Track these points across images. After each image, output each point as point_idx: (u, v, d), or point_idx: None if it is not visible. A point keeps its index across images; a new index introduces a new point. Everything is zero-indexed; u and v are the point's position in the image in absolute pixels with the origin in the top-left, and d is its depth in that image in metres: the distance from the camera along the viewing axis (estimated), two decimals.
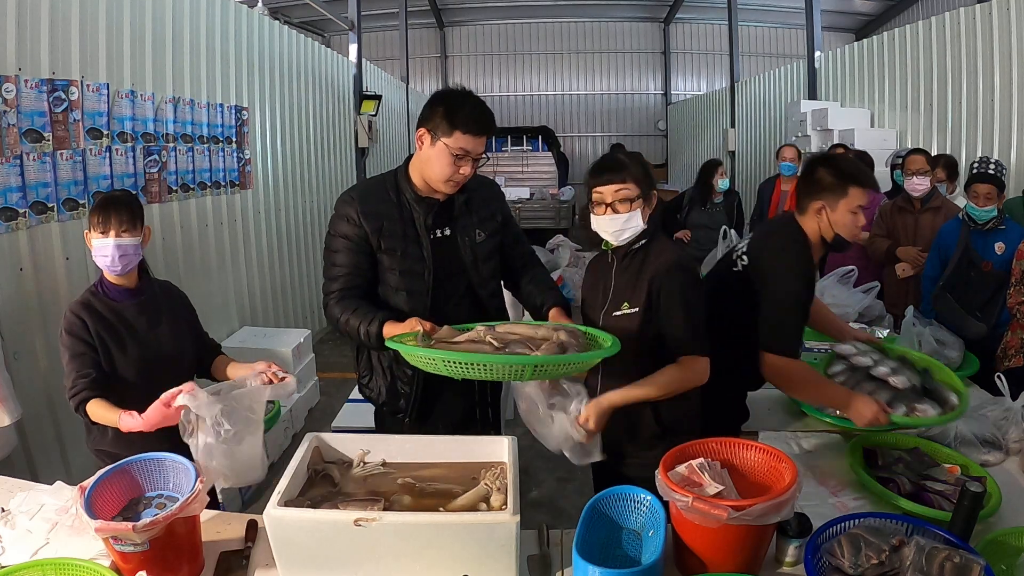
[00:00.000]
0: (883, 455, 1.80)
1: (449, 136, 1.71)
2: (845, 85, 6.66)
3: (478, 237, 1.89)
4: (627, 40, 13.84)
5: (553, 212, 9.62)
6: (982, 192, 2.83)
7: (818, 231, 1.83)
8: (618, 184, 1.68)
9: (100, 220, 1.80)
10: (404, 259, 1.81)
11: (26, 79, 2.47)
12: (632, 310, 1.71)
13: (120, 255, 1.81)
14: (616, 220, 1.69)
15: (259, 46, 4.57)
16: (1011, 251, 2.75)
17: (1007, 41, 4.30)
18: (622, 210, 1.68)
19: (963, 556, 1.24)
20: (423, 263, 1.82)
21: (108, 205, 1.83)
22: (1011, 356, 2.65)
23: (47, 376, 2.55)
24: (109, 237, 1.80)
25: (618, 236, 1.71)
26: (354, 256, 1.80)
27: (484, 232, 1.90)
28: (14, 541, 1.50)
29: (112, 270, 1.83)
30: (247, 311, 4.32)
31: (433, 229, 1.83)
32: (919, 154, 3.64)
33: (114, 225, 1.80)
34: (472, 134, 1.72)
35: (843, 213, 1.79)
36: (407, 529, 1.34)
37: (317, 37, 10.00)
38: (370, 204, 1.80)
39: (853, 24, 12.62)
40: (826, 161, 1.87)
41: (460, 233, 1.86)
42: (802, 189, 1.87)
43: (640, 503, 1.46)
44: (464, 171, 1.75)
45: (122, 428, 1.68)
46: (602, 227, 1.72)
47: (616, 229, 1.70)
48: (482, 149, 1.77)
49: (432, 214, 1.82)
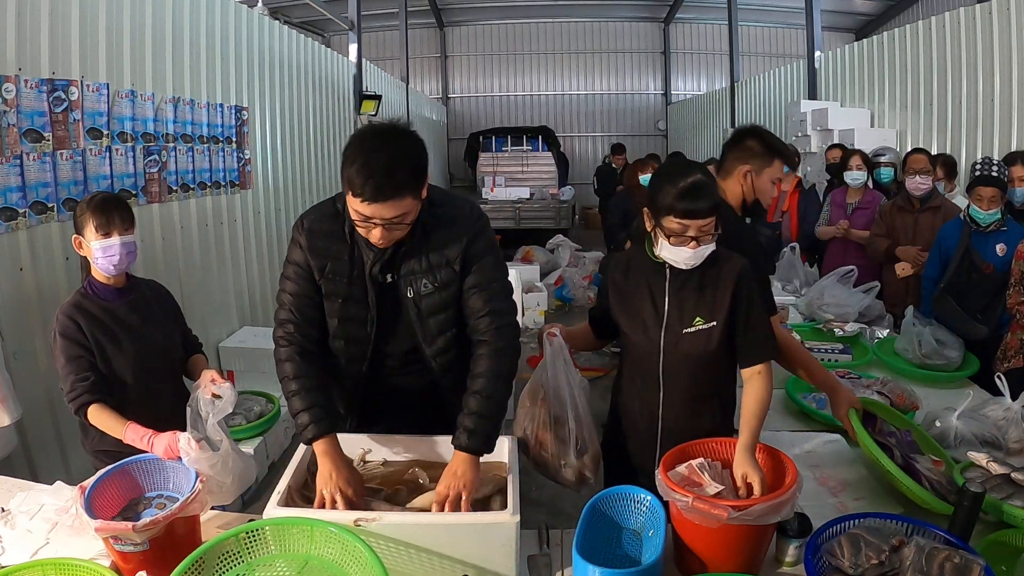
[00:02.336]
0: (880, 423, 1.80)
1: (348, 194, 1.41)
2: (845, 85, 6.66)
3: (423, 288, 1.57)
4: (627, 40, 13.84)
5: (553, 212, 9.61)
6: (986, 196, 2.82)
7: (740, 194, 1.95)
8: (708, 219, 1.49)
9: (103, 221, 1.81)
10: (346, 305, 1.59)
11: (26, 79, 2.47)
12: (708, 324, 1.59)
13: (127, 253, 1.85)
14: (698, 253, 1.52)
15: (259, 46, 4.57)
16: (1012, 252, 2.75)
17: (1007, 41, 4.30)
18: (705, 243, 1.51)
19: (963, 556, 1.24)
20: (366, 310, 1.59)
21: (108, 206, 1.84)
22: (1011, 357, 2.65)
23: (47, 376, 2.55)
24: (113, 237, 1.82)
25: (691, 264, 1.55)
26: (304, 284, 1.59)
27: (432, 283, 1.57)
28: (14, 541, 1.50)
29: (119, 268, 1.86)
30: (247, 311, 4.31)
31: (382, 275, 1.57)
32: (921, 154, 3.64)
33: (117, 225, 1.83)
34: (363, 200, 1.37)
35: (765, 181, 1.94)
36: (407, 529, 1.34)
37: (317, 37, 10.00)
38: (317, 239, 1.57)
39: (853, 24, 12.62)
40: (755, 132, 1.98)
41: (404, 281, 1.57)
42: (731, 154, 1.97)
43: (640, 503, 1.46)
44: (375, 236, 1.44)
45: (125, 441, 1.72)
46: (678, 257, 1.54)
47: (695, 261, 1.54)
48: (393, 214, 1.39)
49: (381, 261, 1.55)
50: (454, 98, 14.21)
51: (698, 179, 1.49)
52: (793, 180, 4.92)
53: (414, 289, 1.57)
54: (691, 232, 1.49)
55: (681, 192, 1.47)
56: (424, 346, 1.64)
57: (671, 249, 1.53)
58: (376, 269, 1.55)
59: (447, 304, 1.60)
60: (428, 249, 1.56)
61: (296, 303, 1.59)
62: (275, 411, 2.85)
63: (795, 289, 3.86)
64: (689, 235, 1.49)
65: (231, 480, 1.55)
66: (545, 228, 9.24)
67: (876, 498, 1.70)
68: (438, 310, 1.60)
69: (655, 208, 1.53)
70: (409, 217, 1.44)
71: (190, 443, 1.52)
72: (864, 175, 4.06)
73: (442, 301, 1.59)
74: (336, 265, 1.56)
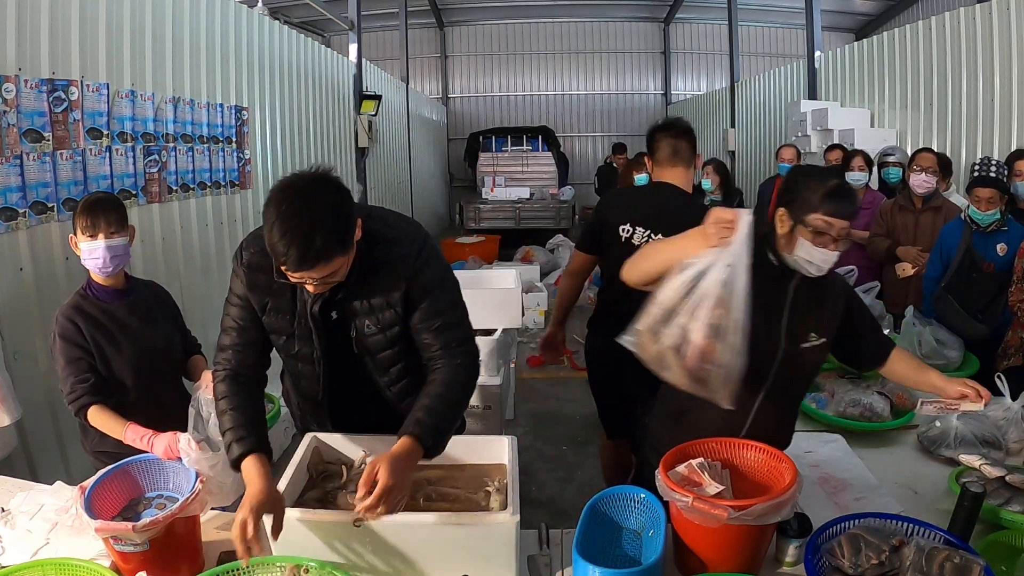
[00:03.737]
0: None
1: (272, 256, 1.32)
2: (845, 85, 6.66)
3: (367, 329, 1.52)
4: (627, 40, 13.83)
5: (553, 212, 9.62)
6: (984, 197, 2.83)
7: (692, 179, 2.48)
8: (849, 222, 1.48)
9: (88, 223, 1.81)
10: (290, 342, 1.54)
11: (26, 79, 2.47)
12: (820, 340, 1.59)
13: (111, 256, 1.83)
14: (833, 257, 1.49)
15: (259, 46, 4.57)
16: (1013, 252, 2.75)
17: (1007, 41, 4.30)
18: (840, 248, 1.49)
19: (963, 556, 1.24)
20: (312, 348, 1.54)
21: (95, 207, 1.84)
22: (1011, 355, 2.65)
23: (47, 376, 2.55)
24: (99, 240, 1.81)
25: (824, 269, 1.51)
26: (246, 312, 1.53)
27: (375, 324, 1.51)
28: (14, 541, 1.50)
29: (104, 271, 1.85)
30: None
31: (323, 314, 1.50)
32: (929, 153, 3.64)
33: (103, 227, 1.82)
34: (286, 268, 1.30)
35: None
36: (407, 529, 1.34)
37: (317, 37, 10.00)
38: (257, 275, 1.50)
39: (853, 24, 12.62)
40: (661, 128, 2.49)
41: (348, 320, 1.52)
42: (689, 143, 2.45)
43: (640, 503, 1.46)
44: (309, 289, 1.40)
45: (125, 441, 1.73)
46: (814, 258, 1.48)
47: (829, 265, 1.50)
48: (322, 275, 1.32)
49: (321, 301, 1.48)
50: (454, 98, 14.20)
51: (845, 181, 1.54)
52: None
53: (357, 328, 1.52)
54: (834, 232, 1.46)
55: (831, 190, 1.46)
56: (376, 376, 1.60)
57: (811, 250, 1.47)
58: (316, 308, 1.48)
59: (393, 342, 1.54)
60: (369, 291, 1.48)
61: (237, 327, 1.53)
62: (275, 411, 2.84)
63: None
64: (832, 235, 1.46)
65: (231, 481, 1.55)
66: (545, 228, 9.24)
67: (876, 498, 1.70)
68: (384, 348, 1.55)
69: (796, 206, 1.48)
70: (341, 272, 1.37)
71: (190, 443, 1.53)
72: (865, 176, 4.06)
73: (387, 340, 1.53)
74: (277, 302, 1.50)
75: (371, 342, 1.53)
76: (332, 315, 1.51)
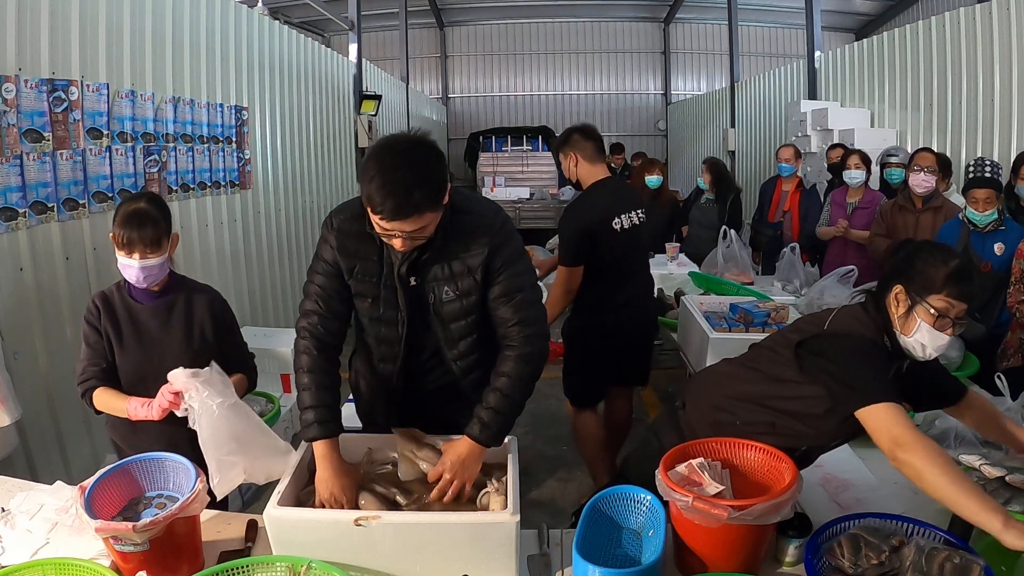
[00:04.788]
0: None
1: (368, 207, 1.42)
2: (845, 85, 6.66)
3: (445, 296, 1.58)
4: (627, 40, 13.83)
5: (553, 212, 9.61)
6: (981, 197, 2.83)
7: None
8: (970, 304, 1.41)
9: (125, 240, 1.72)
10: (375, 305, 1.61)
11: (26, 79, 2.47)
12: None
13: (145, 275, 1.76)
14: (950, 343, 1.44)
15: (259, 46, 4.57)
16: (1011, 251, 2.75)
17: (1007, 41, 4.30)
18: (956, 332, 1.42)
19: (963, 556, 1.24)
20: (397, 311, 1.61)
21: (132, 224, 1.73)
22: (1010, 356, 2.65)
23: (47, 376, 2.55)
24: (134, 259, 1.74)
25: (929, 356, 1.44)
26: (332, 280, 1.61)
27: (453, 291, 1.57)
28: (14, 541, 1.50)
29: (139, 285, 1.80)
30: (247, 311, 4.31)
31: (408, 277, 1.58)
32: (928, 152, 3.64)
33: (139, 248, 1.73)
34: (382, 218, 1.39)
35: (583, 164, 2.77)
36: (407, 529, 1.34)
37: (317, 37, 10.00)
38: (347, 240, 1.58)
39: (853, 24, 12.62)
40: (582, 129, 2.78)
41: (427, 286, 1.58)
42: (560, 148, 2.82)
43: (640, 503, 1.46)
44: (396, 244, 1.46)
45: (131, 417, 1.72)
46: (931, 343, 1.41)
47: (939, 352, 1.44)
48: (413, 228, 1.40)
49: (408, 262, 1.55)
50: (454, 98, 14.20)
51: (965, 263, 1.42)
52: (794, 181, 4.93)
53: (435, 295, 1.58)
54: (953, 314, 1.38)
55: (956, 271, 1.38)
56: (445, 349, 1.66)
57: (930, 334, 1.39)
58: (403, 270, 1.56)
59: (468, 311, 1.60)
60: (450, 256, 1.55)
61: (323, 295, 1.61)
62: (275, 411, 2.84)
63: (795, 289, 3.86)
64: (951, 317, 1.38)
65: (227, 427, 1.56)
66: (545, 228, 9.23)
67: (876, 498, 1.70)
68: (459, 317, 1.61)
69: (915, 285, 1.41)
70: (430, 228, 1.45)
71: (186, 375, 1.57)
72: (863, 174, 4.06)
73: (463, 309, 1.59)
74: (365, 266, 1.58)
75: (448, 309, 1.59)
76: (412, 281, 1.58)
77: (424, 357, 1.70)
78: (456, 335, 1.64)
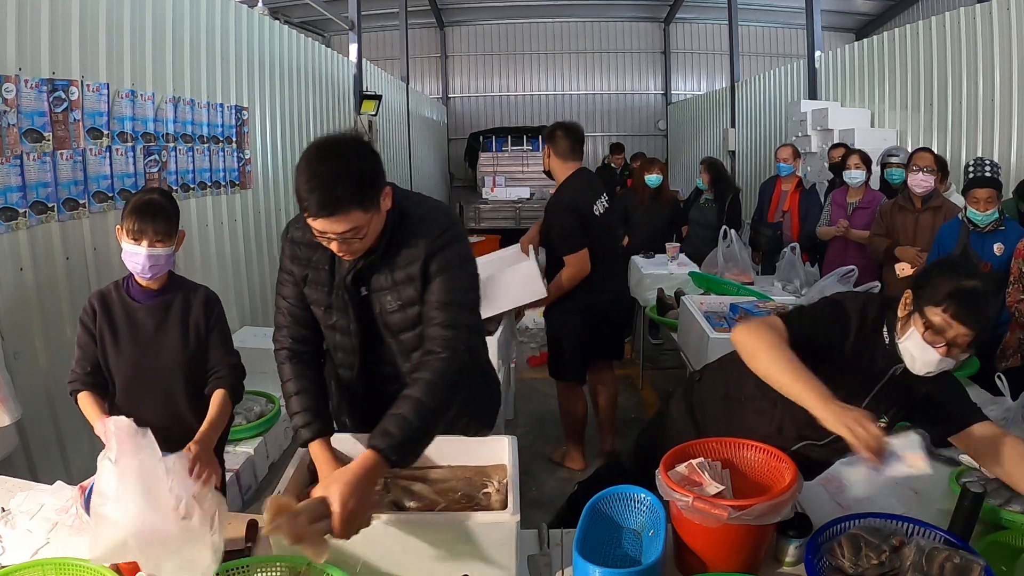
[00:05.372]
0: None
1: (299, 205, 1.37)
2: (845, 85, 6.66)
3: (389, 306, 1.52)
4: (627, 40, 13.83)
5: None
6: (982, 197, 2.83)
7: None
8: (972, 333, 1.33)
9: (136, 228, 1.72)
10: (328, 314, 1.58)
11: (26, 79, 2.47)
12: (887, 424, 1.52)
13: (151, 264, 1.76)
14: (942, 364, 1.36)
15: (259, 46, 4.57)
16: (1010, 252, 2.75)
17: (1007, 41, 4.30)
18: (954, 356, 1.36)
19: (963, 556, 1.24)
20: (348, 320, 1.57)
21: (145, 212, 1.74)
22: (1009, 356, 2.65)
23: (47, 376, 2.55)
24: (142, 246, 1.73)
25: (926, 372, 1.40)
26: (295, 289, 1.61)
27: (395, 300, 1.52)
28: (14, 541, 1.50)
29: (143, 276, 1.80)
30: (247, 311, 4.31)
31: (355, 287, 1.54)
32: (927, 152, 3.64)
33: (149, 235, 1.73)
34: (308, 215, 1.35)
35: None
36: (407, 529, 1.34)
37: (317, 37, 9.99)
38: (299, 249, 1.57)
39: (853, 24, 12.62)
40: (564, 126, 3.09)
41: (372, 296, 1.54)
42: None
43: (640, 503, 1.46)
44: (334, 248, 1.42)
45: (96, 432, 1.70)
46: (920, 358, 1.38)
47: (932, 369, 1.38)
48: (343, 228, 1.34)
49: (353, 272, 1.51)
50: (454, 98, 14.20)
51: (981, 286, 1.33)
52: (793, 180, 4.94)
53: (381, 305, 1.54)
54: (950, 334, 1.32)
55: (961, 290, 1.31)
56: (399, 360, 1.61)
57: (918, 345, 1.37)
58: (348, 280, 1.52)
59: (414, 323, 1.54)
60: (394, 265, 1.50)
61: (288, 306, 1.62)
62: (275, 411, 2.84)
63: (795, 289, 3.87)
64: (947, 336, 1.33)
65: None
66: None
67: (876, 498, 1.70)
68: (406, 327, 1.55)
69: (922, 293, 1.37)
70: (364, 231, 1.39)
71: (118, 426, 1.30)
72: (863, 174, 4.06)
73: (408, 320, 1.54)
74: (316, 275, 1.56)
75: (393, 320, 1.55)
76: (362, 290, 1.55)
77: (384, 368, 1.65)
78: (409, 346, 1.57)
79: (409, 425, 1.34)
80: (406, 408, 1.36)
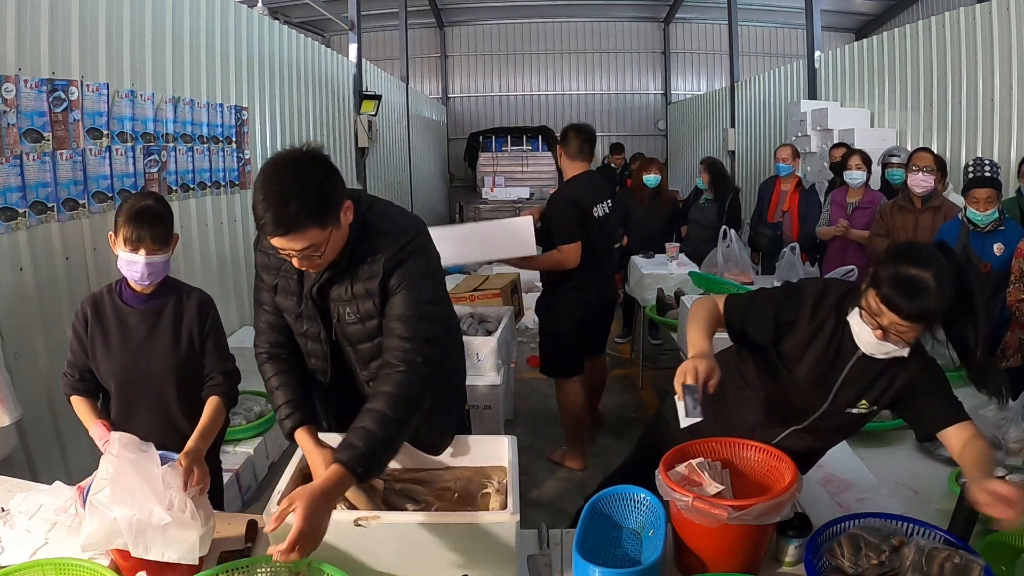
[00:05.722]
0: None
1: None
2: (845, 85, 6.66)
3: (348, 317, 1.52)
4: (627, 40, 13.83)
5: None
6: (982, 197, 2.83)
7: None
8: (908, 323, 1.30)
9: (133, 236, 1.71)
10: (299, 322, 1.59)
11: (26, 79, 2.46)
12: (871, 408, 1.50)
13: (150, 272, 1.75)
14: (881, 347, 1.37)
15: (259, 46, 4.57)
16: (1010, 251, 2.75)
17: (1007, 41, 4.30)
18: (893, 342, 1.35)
19: (963, 556, 1.24)
20: (318, 328, 1.58)
21: (141, 220, 1.72)
22: (1009, 356, 2.65)
23: (47, 376, 2.55)
24: (140, 254, 1.72)
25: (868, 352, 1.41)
26: (269, 295, 1.62)
27: (354, 313, 1.52)
28: (13, 541, 1.51)
29: (140, 284, 1.79)
30: (247, 311, 4.31)
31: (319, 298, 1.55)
32: (926, 152, 3.64)
33: (147, 243, 1.72)
34: (264, 233, 1.35)
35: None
36: (407, 529, 1.34)
37: (317, 37, 10.00)
38: (269, 257, 1.57)
39: (853, 24, 12.61)
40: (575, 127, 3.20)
41: (332, 307, 1.54)
42: None
43: (640, 503, 1.46)
44: (295, 263, 1.42)
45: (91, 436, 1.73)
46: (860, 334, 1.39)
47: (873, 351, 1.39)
48: (300, 245, 1.34)
49: (318, 283, 1.51)
50: (454, 98, 14.20)
51: (926, 276, 1.28)
52: (793, 180, 4.93)
53: (339, 315, 1.54)
54: (883, 321, 1.32)
55: (896, 276, 1.29)
56: (356, 368, 1.63)
57: (858, 323, 1.38)
58: (314, 290, 1.53)
59: (371, 335, 1.54)
60: (354, 278, 1.49)
61: (266, 315, 1.64)
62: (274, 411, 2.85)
63: None
64: (880, 322, 1.32)
65: None
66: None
67: (876, 498, 1.70)
68: (363, 339, 1.56)
69: (874, 272, 1.36)
70: (322, 247, 1.38)
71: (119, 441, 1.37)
72: (863, 175, 4.06)
73: (366, 332, 1.54)
74: (285, 284, 1.57)
75: (351, 331, 1.56)
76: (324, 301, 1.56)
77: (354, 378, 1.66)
78: (366, 356, 1.58)
79: (373, 437, 1.33)
80: (368, 420, 1.35)
